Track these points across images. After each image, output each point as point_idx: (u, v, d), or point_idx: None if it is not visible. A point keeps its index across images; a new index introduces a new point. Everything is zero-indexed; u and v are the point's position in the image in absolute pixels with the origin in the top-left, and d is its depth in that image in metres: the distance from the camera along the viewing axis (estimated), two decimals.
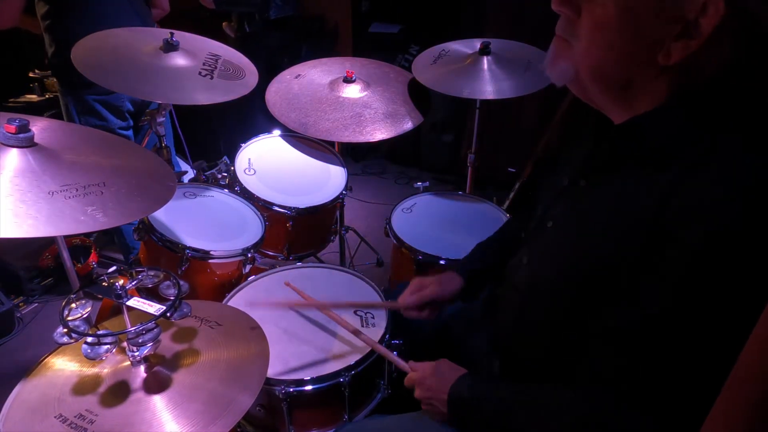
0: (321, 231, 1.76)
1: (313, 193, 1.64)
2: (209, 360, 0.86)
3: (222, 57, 1.58)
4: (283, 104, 1.66)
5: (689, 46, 0.59)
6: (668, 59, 0.61)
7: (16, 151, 0.88)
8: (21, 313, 2.17)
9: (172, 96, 1.46)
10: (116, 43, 1.47)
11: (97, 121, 1.88)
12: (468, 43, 1.80)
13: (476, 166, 2.01)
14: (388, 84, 1.76)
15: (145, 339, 0.79)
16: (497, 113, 2.97)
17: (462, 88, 1.62)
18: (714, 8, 0.56)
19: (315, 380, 1.05)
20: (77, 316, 0.80)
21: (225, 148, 2.95)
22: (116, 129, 1.94)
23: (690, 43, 0.59)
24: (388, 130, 1.62)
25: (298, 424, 1.11)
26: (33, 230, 0.77)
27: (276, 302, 1.25)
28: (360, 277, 1.37)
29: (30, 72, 2.75)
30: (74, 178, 0.88)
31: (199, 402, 0.77)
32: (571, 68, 0.69)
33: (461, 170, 2.10)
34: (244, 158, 1.69)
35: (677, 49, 0.60)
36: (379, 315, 1.23)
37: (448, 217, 1.67)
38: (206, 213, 1.53)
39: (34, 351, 2.00)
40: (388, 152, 3.67)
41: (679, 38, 0.59)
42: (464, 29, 2.86)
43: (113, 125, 1.93)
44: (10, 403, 0.79)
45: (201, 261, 1.37)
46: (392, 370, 1.20)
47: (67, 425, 0.74)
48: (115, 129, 1.94)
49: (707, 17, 0.56)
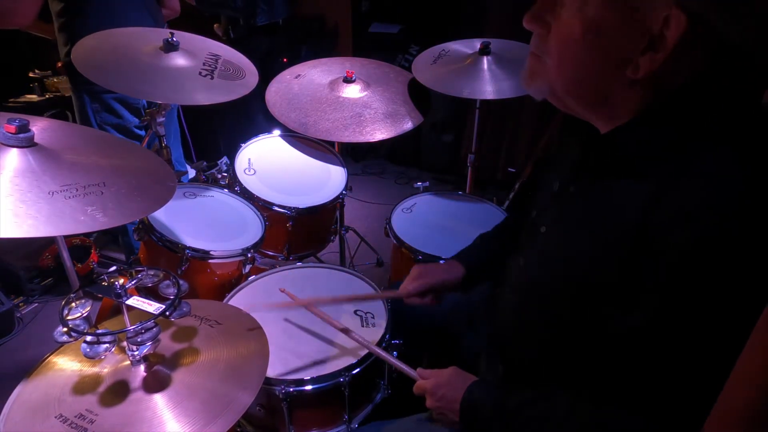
0: (321, 231, 1.76)
1: (313, 193, 1.64)
2: (209, 359, 0.86)
3: (222, 57, 1.58)
4: (283, 104, 1.66)
5: (655, 59, 0.60)
6: (636, 73, 0.62)
7: (16, 151, 0.88)
8: (21, 313, 2.18)
9: (172, 96, 1.46)
10: (116, 43, 1.47)
11: (114, 119, 1.87)
12: (468, 43, 1.80)
13: (476, 166, 2.01)
14: (388, 84, 1.76)
15: (144, 338, 0.79)
16: (497, 113, 2.97)
17: (462, 88, 1.62)
18: (676, 21, 0.57)
19: (315, 380, 1.05)
20: (77, 316, 0.80)
21: (225, 148, 2.95)
22: (132, 127, 1.93)
23: (656, 56, 0.59)
24: (388, 130, 1.62)
25: (298, 424, 1.11)
26: (33, 230, 0.77)
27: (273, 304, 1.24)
28: (360, 277, 1.37)
29: (30, 72, 2.75)
30: (74, 178, 0.88)
31: (198, 401, 0.78)
32: (545, 85, 0.71)
33: (461, 170, 2.10)
34: (244, 158, 1.69)
35: (644, 63, 0.61)
36: (379, 315, 1.23)
37: (448, 217, 1.67)
38: (206, 213, 1.53)
39: (34, 351, 2.00)
40: (388, 152, 3.67)
41: (645, 52, 0.60)
42: (464, 29, 2.86)
43: (129, 123, 1.92)
44: (11, 403, 0.80)
45: (201, 261, 1.37)
46: (392, 370, 1.20)
47: (68, 425, 0.74)
48: (131, 127, 1.93)
49: (670, 30, 0.57)
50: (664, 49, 0.58)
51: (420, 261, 1.45)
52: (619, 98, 0.66)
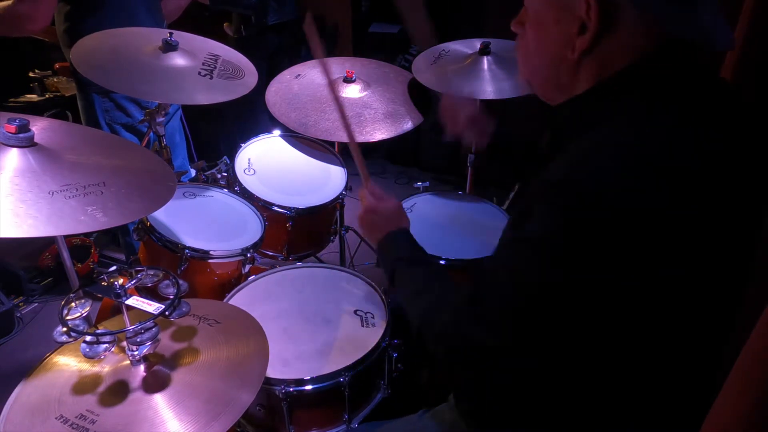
0: (321, 231, 1.76)
1: (312, 194, 1.64)
2: (209, 359, 0.86)
3: (221, 57, 1.58)
4: (283, 104, 1.66)
5: (585, 39, 0.67)
6: (573, 53, 0.70)
7: (16, 151, 0.88)
8: (21, 313, 2.18)
9: (171, 96, 1.45)
10: (116, 43, 1.47)
11: (125, 118, 1.86)
12: (468, 43, 1.80)
13: (476, 166, 2.01)
14: (388, 84, 1.76)
15: (144, 338, 0.79)
16: (497, 113, 2.97)
17: (462, 88, 1.63)
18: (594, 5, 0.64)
19: (315, 380, 1.05)
20: (77, 316, 0.80)
21: (225, 148, 2.94)
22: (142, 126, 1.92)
23: (585, 37, 0.67)
24: (388, 130, 1.62)
25: (298, 424, 1.11)
26: (33, 230, 0.77)
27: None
28: (360, 276, 1.37)
29: (30, 72, 2.75)
30: (74, 177, 0.88)
31: (198, 401, 0.78)
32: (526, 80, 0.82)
33: (461, 170, 2.10)
34: (244, 158, 1.69)
35: (579, 43, 0.69)
36: (379, 315, 1.23)
37: (448, 217, 1.67)
38: (206, 213, 1.53)
39: (34, 351, 2.00)
40: (388, 152, 3.67)
41: (579, 34, 0.68)
42: (464, 29, 2.86)
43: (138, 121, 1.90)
44: (11, 404, 0.80)
45: (200, 261, 1.37)
46: (393, 369, 1.20)
47: (69, 426, 0.74)
48: (141, 127, 1.90)
49: (591, 13, 0.65)
50: (590, 30, 0.66)
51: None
52: (567, 80, 0.74)
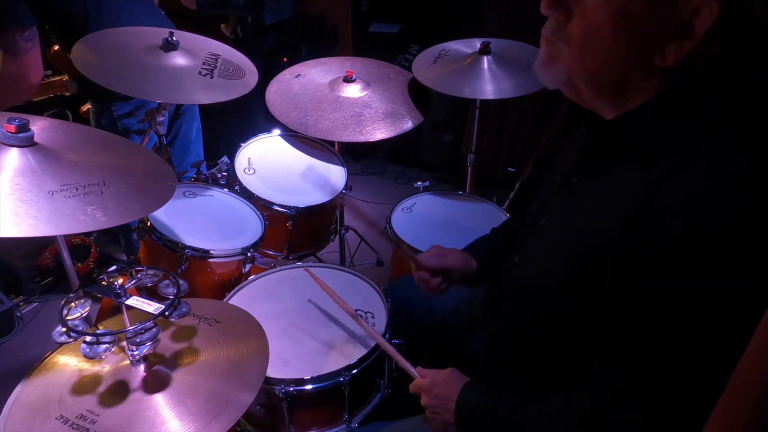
0: (321, 230, 1.76)
1: (313, 193, 1.64)
2: (209, 359, 0.86)
3: (222, 56, 1.58)
4: (283, 104, 1.66)
5: (683, 47, 0.59)
6: (664, 61, 0.61)
7: (16, 151, 0.88)
8: (21, 312, 2.17)
9: (172, 95, 1.45)
10: (116, 43, 1.47)
11: (137, 124, 1.83)
12: (468, 43, 1.80)
13: (476, 166, 2.01)
14: (388, 84, 1.76)
15: (144, 338, 0.79)
16: (497, 113, 2.97)
17: (462, 88, 1.62)
18: (708, 10, 0.56)
19: (315, 380, 1.05)
20: (76, 315, 0.80)
21: (225, 148, 2.94)
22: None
23: (684, 44, 0.59)
24: (388, 130, 1.62)
25: (298, 424, 1.11)
26: (33, 230, 0.77)
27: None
28: (360, 276, 1.37)
29: None
30: (74, 177, 0.88)
31: (199, 400, 0.78)
32: (563, 73, 0.68)
33: (461, 170, 2.10)
34: (244, 158, 1.69)
35: (672, 51, 0.60)
36: (378, 315, 1.23)
37: (448, 217, 1.67)
38: (206, 212, 1.53)
39: (34, 351, 2.00)
40: (388, 152, 3.66)
41: (673, 40, 0.59)
42: (464, 29, 2.86)
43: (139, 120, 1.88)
44: (11, 404, 0.79)
45: (201, 260, 1.37)
46: (393, 369, 1.20)
47: (69, 426, 0.74)
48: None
49: (701, 19, 0.57)
50: (692, 38, 0.57)
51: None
52: (638, 86, 0.65)
